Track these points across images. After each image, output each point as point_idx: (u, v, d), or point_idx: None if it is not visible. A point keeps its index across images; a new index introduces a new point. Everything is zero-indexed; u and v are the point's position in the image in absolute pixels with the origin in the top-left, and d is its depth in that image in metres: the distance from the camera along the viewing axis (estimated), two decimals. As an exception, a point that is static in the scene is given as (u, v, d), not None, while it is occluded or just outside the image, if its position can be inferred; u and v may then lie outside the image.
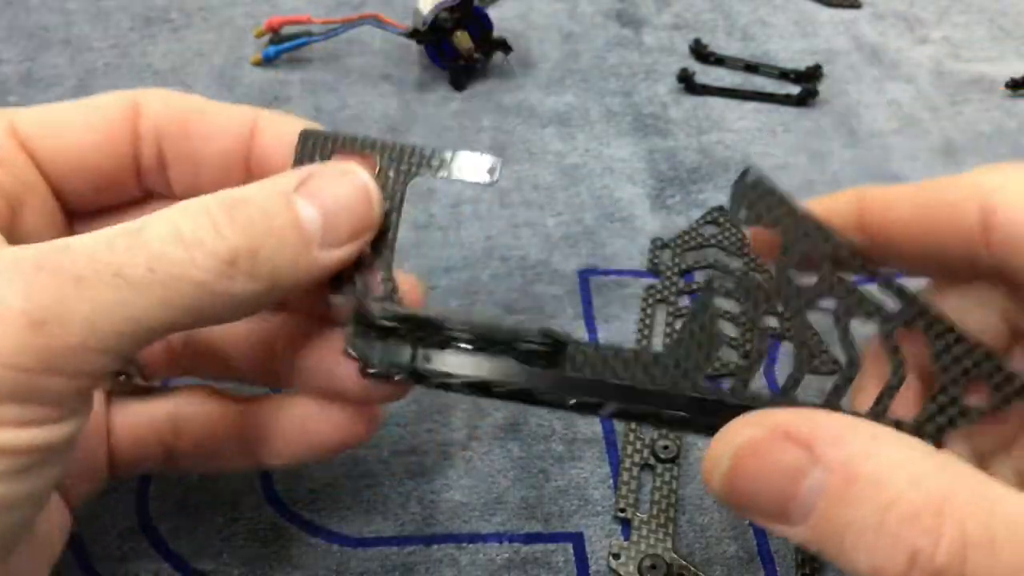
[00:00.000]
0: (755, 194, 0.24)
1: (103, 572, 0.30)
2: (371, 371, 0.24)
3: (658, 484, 0.32)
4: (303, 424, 0.27)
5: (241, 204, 0.22)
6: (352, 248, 0.24)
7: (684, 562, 0.30)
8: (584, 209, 0.42)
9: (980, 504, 0.18)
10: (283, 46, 0.49)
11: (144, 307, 0.20)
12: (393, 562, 0.30)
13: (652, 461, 0.33)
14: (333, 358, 0.25)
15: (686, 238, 0.40)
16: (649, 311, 0.38)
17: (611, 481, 0.33)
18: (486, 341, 0.24)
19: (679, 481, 0.32)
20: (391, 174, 0.24)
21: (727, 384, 0.35)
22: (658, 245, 0.40)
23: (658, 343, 0.36)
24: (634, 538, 0.31)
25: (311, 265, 0.23)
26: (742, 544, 0.31)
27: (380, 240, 0.24)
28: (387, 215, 0.24)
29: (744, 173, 0.24)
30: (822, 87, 0.48)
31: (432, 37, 0.47)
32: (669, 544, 0.30)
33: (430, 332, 0.24)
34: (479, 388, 0.24)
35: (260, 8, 0.54)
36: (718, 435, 0.21)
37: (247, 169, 0.26)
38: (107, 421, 0.27)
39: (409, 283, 0.26)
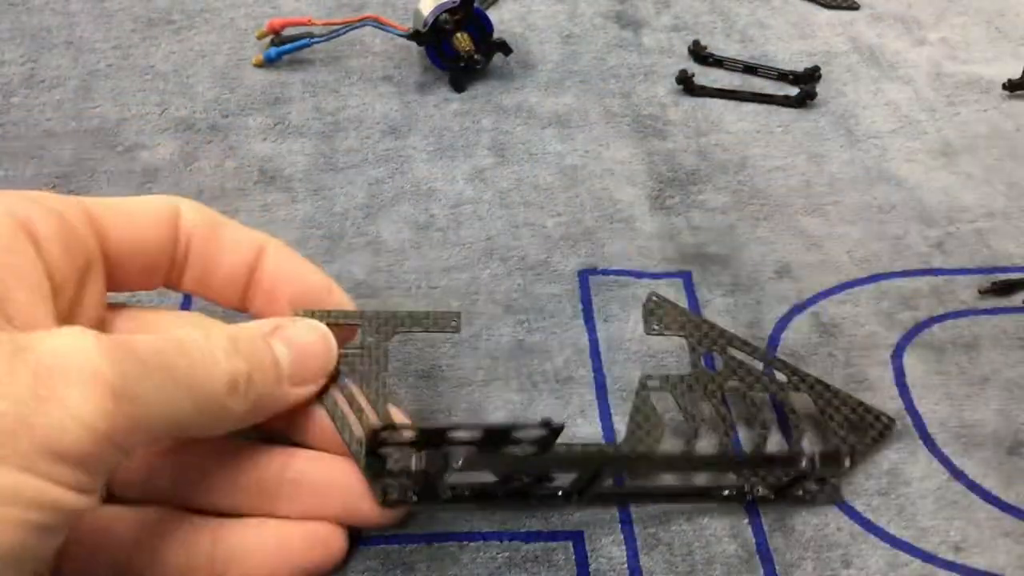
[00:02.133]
0: (660, 310, 0.34)
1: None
2: (392, 498, 0.28)
3: None
4: (282, 543, 0.28)
5: (238, 340, 0.26)
6: (315, 387, 0.28)
7: None
8: (584, 210, 0.43)
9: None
10: (284, 47, 0.50)
11: (178, 400, 0.23)
12: (394, 560, 0.30)
13: None
14: (351, 488, 0.29)
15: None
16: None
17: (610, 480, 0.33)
18: (487, 436, 0.25)
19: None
20: (371, 338, 0.30)
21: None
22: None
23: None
24: None
25: (284, 396, 0.27)
26: (742, 543, 0.31)
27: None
28: (378, 370, 0.30)
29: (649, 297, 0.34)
30: (820, 88, 0.48)
31: (432, 38, 0.47)
32: None
33: (434, 439, 0.26)
34: (485, 493, 0.30)
35: (261, 10, 0.54)
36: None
37: (247, 285, 0.30)
38: None
39: (399, 417, 0.30)
